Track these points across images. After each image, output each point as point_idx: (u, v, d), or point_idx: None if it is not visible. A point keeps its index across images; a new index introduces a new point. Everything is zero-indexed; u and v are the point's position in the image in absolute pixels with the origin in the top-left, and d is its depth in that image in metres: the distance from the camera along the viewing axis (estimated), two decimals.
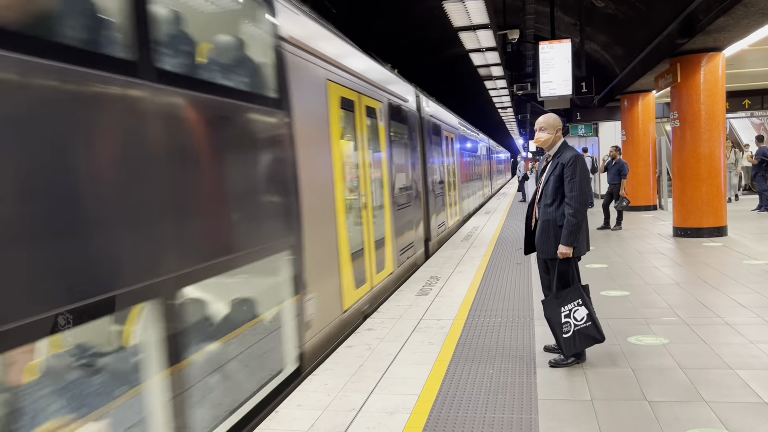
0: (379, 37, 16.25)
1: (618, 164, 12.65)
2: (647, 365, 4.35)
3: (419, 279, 8.10)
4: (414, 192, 9.64)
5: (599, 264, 8.47)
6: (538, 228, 4.57)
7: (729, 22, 8.49)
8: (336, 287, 5.54)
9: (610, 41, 15.53)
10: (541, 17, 16.00)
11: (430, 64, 23.51)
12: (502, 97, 26.38)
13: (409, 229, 9.16)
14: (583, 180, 4.34)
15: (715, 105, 10.51)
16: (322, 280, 5.17)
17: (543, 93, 13.25)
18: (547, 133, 4.55)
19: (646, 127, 16.35)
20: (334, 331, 5.42)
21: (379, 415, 3.70)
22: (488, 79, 19.70)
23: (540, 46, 13.16)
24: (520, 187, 24.87)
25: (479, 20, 10.71)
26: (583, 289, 4.41)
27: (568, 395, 3.87)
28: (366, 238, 6.73)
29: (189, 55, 3.49)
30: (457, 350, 4.91)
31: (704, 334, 5.01)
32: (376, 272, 7.02)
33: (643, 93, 15.94)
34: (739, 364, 4.28)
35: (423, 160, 10.57)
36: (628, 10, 12.45)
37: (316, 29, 5.53)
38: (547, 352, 4.70)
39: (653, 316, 5.65)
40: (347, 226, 5.95)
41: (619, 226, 12.49)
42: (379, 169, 7.63)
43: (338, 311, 5.57)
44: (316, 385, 4.27)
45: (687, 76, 10.58)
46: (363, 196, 6.75)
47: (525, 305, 6.30)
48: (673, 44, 10.19)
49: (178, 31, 3.40)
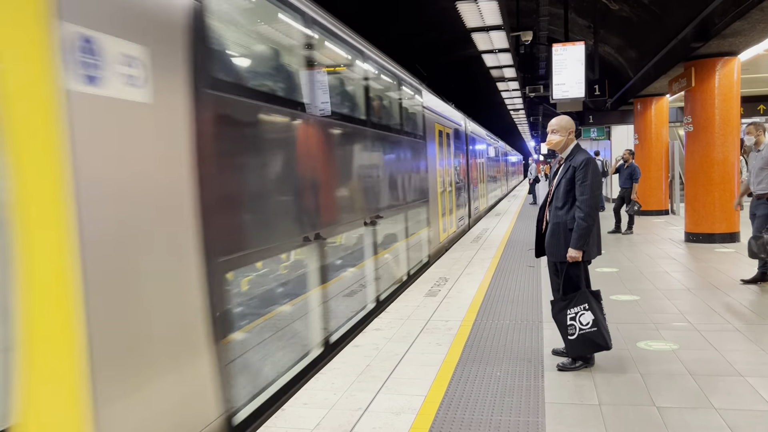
0: (392, 37, 16.26)
1: (630, 168, 12.56)
2: (656, 371, 4.32)
3: (428, 280, 8.08)
4: (463, 184, 14.91)
5: (610, 268, 8.42)
6: (548, 231, 4.55)
7: (745, 26, 8.41)
8: (437, 229, 10.96)
9: (623, 44, 15.44)
10: (554, 19, 15.93)
11: (442, 64, 23.48)
12: (514, 99, 26.32)
13: (461, 207, 14.33)
14: (595, 183, 4.31)
15: (729, 110, 10.41)
16: (435, 223, 10.68)
17: (555, 95, 13.21)
18: (559, 135, 4.53)
19: (659, 131, 16.23)
20: (437, 250, 10.80)
21: (385, 415, 3.70)
22: (501, 80, 19.66)
23: (553, 48, 13.11)
24: (531, 190, 24.80)
25: (492, 21, 10.69)
26: (592, 295, 4.37)
27: (576, 399, 3.85)
28: (447, 208, 12.07)
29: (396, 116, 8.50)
30: (464, 352, 4.90)
31: (715, 341, 4.96)
32: (450, 227, 12.42)
33: (656, 97, 15.82)
34: (750, 371, 4.24)
35: (467, 162, 15.80)
36: (643, 13, 12.37)
37: (433, 98, 11.13)
38: (555, 356, 4.67)
39: (663, 322, 5.60)
40: (441, 199, 11.29)
41: (631, 231, 12.41)
42: (450, 167, 12.74)
43: (438, 241, 10.99)
44: (323, 383, 4.28)
45: (701, 80, 10.50)
46: (445, 183, 11.85)
47: (534, 308, 6.27)
48: (687, 48, 10.11)
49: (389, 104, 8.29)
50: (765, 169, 6.75)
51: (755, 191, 6.90)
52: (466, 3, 9.43)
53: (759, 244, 6.44)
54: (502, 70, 17.48)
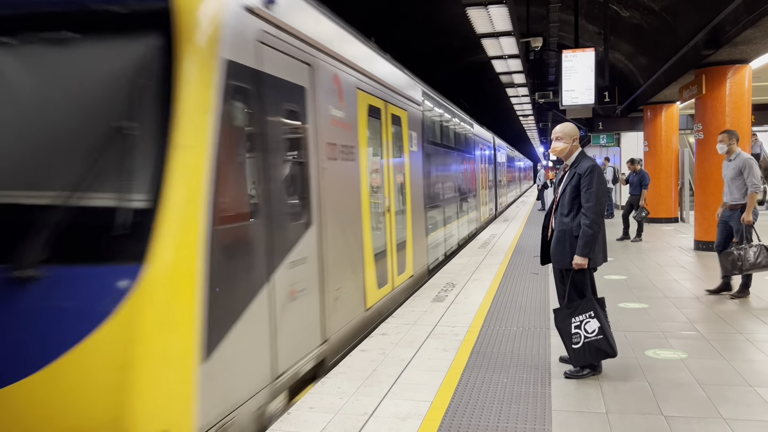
0: (401, 43, 16.29)
1: (639, 174, 12.55)
2: (664, 379, 4.29)
3: (435, 285, 8.08)
4: (493, 184, 20.89)
5: (618, 275, 8.38)
6: (553, 238, 4.54)
7: (756, 34, 8.36)
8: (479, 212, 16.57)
9: (634, 51, 15.40)
10: (564, 25, 15.92)
11: (452, 70, 23.50)
12: (523, 105, 26.27)
13: (491, 200, 20.41)
14: (600, 190, 4.30)
15: (740, 118, 10.36)
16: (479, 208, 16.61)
17: (565, 101, 13.19)
18: (564, 142, 4.53)
19: (669, 138, 16.15)
20: (479, 227, 16.36)
21: (390, 420, 3.70)
22: (510, 86, 19.63)
23: (563, 55, 13.11)
24: (540, 196, 24.74)
25: (502, 27, 10.69)
26: (598, 302, 4.36)
27: (583, 407, 3.83)
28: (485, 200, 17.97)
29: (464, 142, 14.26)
30: (471, 358, 4.89)
31: (724, 350, 4.93)
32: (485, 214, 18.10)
33: (666, 104, 15.75)
34: (759, 381, 4.20)
35: (495, 168, 21.81)
36: (654, 20, 12.34)
37: (478, 126, 16.93)
38: (562, 363, 4.65)
39: (672, 330, 5.57)
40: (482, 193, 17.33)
41: (640, 238, 12.35)
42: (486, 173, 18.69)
43: (480, 220, 16.80)
44: (329, 387, 4.28)
45: (712, 87, 10.45)
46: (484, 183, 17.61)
47: (541, 314, 6.25)
48: (698, 55, 10.07)
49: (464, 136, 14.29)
50: (737, 179, 6.70)
51: (728, 201, 6.85)
52: (477, 9, 9.43)
53: (730, 261, 6.43)
54: (511, 75, 17.45)
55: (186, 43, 3.18)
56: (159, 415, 2.90)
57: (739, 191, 6.66)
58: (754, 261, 6.29)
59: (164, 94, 3.11)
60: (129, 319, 2.85)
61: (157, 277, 2.91)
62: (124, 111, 3.08)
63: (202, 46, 3.25)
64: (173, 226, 3.00)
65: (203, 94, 3.23)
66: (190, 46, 3.19)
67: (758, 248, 6.31)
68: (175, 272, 3.00)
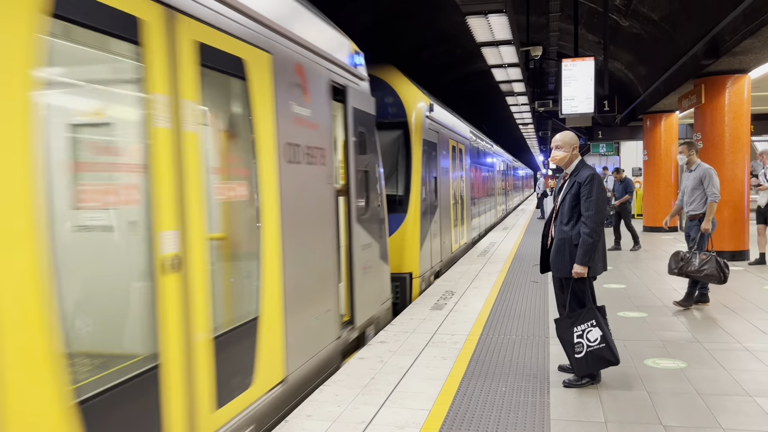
0: (401, 50, 16.34)
1: (624, 182, 12.85)
2: (663, 389, 4.28)
3: (434, 293, 8.07)
4: (504, 191, 24.94)
5: (617, 284, 8.37)
6: (553, 247, 4.54)
7: (756, 44, 8.40)
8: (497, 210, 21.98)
9: (633, 60, 15.45)
10: (564, 35, 15.97)
11: (451, 78, 23.57)
12: (523, 114, 26.30)
13: (503, 203, 24.50)
14: (600, 199, 4.31)
15: (739, 127, 10.39)
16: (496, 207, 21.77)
17: (565, 110, 13.21)
18: (563, 151, 4.53)
19: (669, 147, 16.18)
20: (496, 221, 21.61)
21: (388, 428, 3.68)
22: (510, 95, 19.65)
23: (563, 64, 13.13)
24: (539, 204, 24.78)
25: (502, 36, 10.70)
26: (599, 310, 4.35)
27: (582, 416, 3.82)
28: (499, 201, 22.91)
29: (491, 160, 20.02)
30: (470, 366, 4.87)
31: (723, 360, 4.92)
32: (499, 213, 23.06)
33: (666, 113, 15.80)
34: (758, 391, 4.19)
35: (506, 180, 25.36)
36: (653, 30, 12.39)
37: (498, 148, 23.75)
38: (561, 372, 4.64)
39: (671, 339, 5.56)
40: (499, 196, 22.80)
41: (639, 246, 12.34)
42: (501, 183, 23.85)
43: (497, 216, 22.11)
44: (327, 395, 4.26)
45: (711, 97, 10.48)
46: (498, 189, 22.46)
47: (540, 323, 6.23)
48: (697, 65, 10.11)
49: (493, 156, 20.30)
50: (697, 189, 6.84)
51: (687, 211, 6.98)
52: (477, 18, 9.46)
53: (674, 258, 6.60)
54: (511, 84, 17.47)
55: (413, 132, 8.62)
56: (409, 266, 8.35)
57: (699, 201, 6.80)
58: (698, 268, 6.39)
59: (408, 150, 8.57)
60: (402, 233, 8.38)
61: (410, 217, 8.41)
62: (398, 156, 8.61)
63: (417, 132, 8.63)
64: (413, 203, 8.48)
65: (418, 150, 8.63)
66: (414, 133, 8.62)
67: (708, 258, 6.38)
68: (414, 217, 8.45)
